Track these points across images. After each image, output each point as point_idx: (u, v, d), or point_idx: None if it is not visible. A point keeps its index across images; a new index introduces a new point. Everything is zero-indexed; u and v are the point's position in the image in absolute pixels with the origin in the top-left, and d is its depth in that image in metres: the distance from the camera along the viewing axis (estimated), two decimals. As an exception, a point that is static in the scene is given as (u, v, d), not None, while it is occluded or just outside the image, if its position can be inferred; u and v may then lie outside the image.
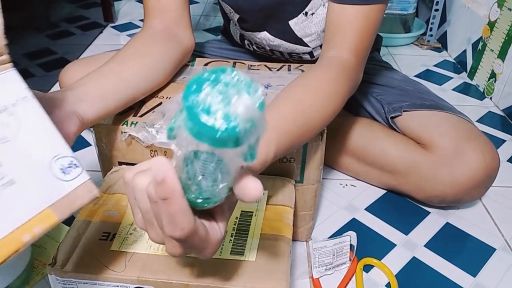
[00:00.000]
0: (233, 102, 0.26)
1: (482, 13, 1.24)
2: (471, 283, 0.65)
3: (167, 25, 0.67)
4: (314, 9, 0.73)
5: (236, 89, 0.26)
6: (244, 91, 0.26)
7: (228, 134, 0.26)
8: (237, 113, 0.26)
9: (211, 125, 0.25)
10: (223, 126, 0.25)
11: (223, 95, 0.26)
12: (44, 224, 0.30)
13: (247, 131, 0.26)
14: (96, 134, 0.61)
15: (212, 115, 0.25)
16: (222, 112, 0.26)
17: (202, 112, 0.26)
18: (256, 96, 0.27)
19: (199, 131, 0.26)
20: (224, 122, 0.25)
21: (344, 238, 0.64)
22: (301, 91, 0.55)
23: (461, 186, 0.70)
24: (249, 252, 0.48)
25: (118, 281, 0.45)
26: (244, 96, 0.26)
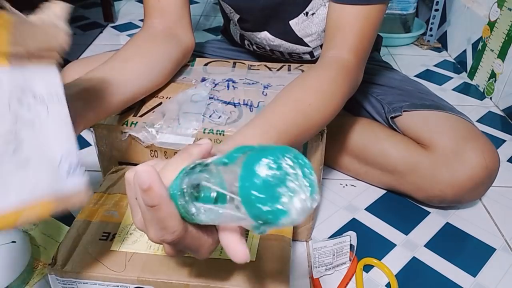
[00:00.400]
0: (296, 195, 0.26)
1: (482, 13, 1.24)
2: (471, 283, 0.65)
3: (168, 25, 0.67)
4: (314, 9, 0.73)
5: (304, 183, 0.26)
6: (309, 188, 0.26)
7: (273, 216, 0.26)
8: (295, 207, 0.26)
9: (271, 208, 0.25)
10: (278, 213, 0.25)
11: (296, 183, 0.26)
12: (39, 212, 0.31)
13: (289, 222, 0.26)
14: (96, 134, 0.61)
15: (278, 198, 0.25)
16: (287, 200, 0.25)
17: (271, 188, 0.25)
18: (312, 193, 0.27)
19: (256, 200, 0.26)
20: (282, 210, 0.25)
21: (344, 238, 0.64)
22: (301, 91, 0.55)
23: (461, 186, 0.70)
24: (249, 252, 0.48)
25: (118, 281, 0.45)
26: (306, 192, 0.26)
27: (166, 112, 0.59)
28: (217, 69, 0.72)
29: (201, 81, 0.68)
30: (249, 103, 0.62)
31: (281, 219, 0.26)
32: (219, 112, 0.60)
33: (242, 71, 0.71)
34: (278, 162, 0.26)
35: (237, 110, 0.61)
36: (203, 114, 0.59)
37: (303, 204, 0.26)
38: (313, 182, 0.27)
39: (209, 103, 0.61)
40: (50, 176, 0.32)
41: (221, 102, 0.62)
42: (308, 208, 0.26)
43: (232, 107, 0.61)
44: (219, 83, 0.67)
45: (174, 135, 0.57)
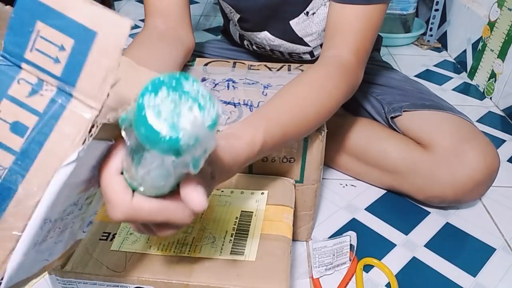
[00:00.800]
0: (182, 114, 0.26)
1: (482, 13, 1.24)
2: (471, 283, 0.65)
3: (170, 25, 0.67)
4: (315, 8, 0.73)
5: (191, 101, 0.26)
6: (197, 106, 0.26)
7: (169, 144, 0.25)
8: (183, 126, 0.25)
9: (156, 130, 0.25)
10: (167, 135, 0.25)
11: (176, 104, 0.26)
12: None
13: (189, 146, 0.26)
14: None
15: (159, 121, 0.25)
16: (169, 122, 0.25)
17: (151, 115, 0.25)
18: (208, 114, 0.26)
19: (143, 132, 0.26)
20: (169, 131, 0.25)
21: (344, 238, 0.64)
22: (296, 86, 0.55)
23: (461, 186, 0.70)
24: (249, 252, 0.48)
25: (118, 281, 0.45)
26: (196, 111, 0.26)
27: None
28: (217, 69, 0.72)
29: (201, 81, 0.68)
30: (249, 103, 0.62)
31: (180, 140, 0.25)
32: (219, 112, 0.60)
33: (242, 71, 0.71)
34: (158, 87, 0.26)
35: (237, 110, 0.61)
36: (203, 114, 0.59)
37: (191, 118, 0.26)
38: (207, 94, 0.27)
39: (209, 103, 0.61)
40: (74, 236, 0.37)
41: (221, 102, 0.62)
42: (200, 119, 0.26)
43: (232, 107, 0.61)
44: (219, 83, 0.67)
45: (174, 135, 0.57)
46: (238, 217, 0.52)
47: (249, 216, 0.53)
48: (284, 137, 0.49)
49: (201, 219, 0.52)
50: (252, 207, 0.54)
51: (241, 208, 0.54)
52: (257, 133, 0.45)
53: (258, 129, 0.45)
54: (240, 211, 0.53)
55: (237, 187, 0.57)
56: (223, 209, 0.54)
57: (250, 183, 0.58)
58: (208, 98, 0.27)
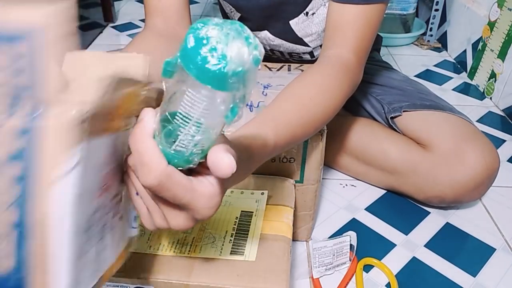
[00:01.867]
0: (230, 45, 0.27)
1: (482, 13, 1.24)
2: (471, 283, 0.65)
3: (169, 25, 0.67)
4: (314, 9, 0.73)
5: (237, 35, 0.27)
6: (244, 39, 0.27)
7: (217, 72, 0.26)
8: (230, 53, 0.27)
9: (205, 56, 0.27)
10: (215, 61, 0.26)
11: (223, 36, 0.27)
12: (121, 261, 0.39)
13: (235, 74, 0.27)
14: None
15: (207, 50, 0.27)
16: (218, 50, 0.27)
17: (200, 44, 0.27)
18: (254, 48, 0.28)
19: (192, 61, 0.27)
20: (217, 57, 0.26)
21: (344, 238, 0.64)
22: (301, 87, 0.55)
23: (461, 186, 0.70)
24: (249, 252, 0.48)
25: (118, 281, 0.45)
26: (242, 43, 0.27)
27: (166, 112, 0.59)
28: (217, 69, 0.72)
29: (201, 81, 0.68)
30: (249, 103, 0.62)
31: (220, 67, 0.26)
32: (219, 112, 0.60)
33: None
34: (204, 28, 0.28)
35: (237, 110, 0.61)
36: (203, 114, 0.59)
37: (238, 48, 0.27)
38: (252, 35, 0.28)
39: (209, 103, 0.61)
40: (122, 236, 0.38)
41: (221, 102, 0.62)
42: (246, 50, 0.27)
43: (232, 107, 0.61)
44: (219, 83, 0.67)
45: (174, 135, 0.57)
46: (238, 217, 0.52)
47: (249, 216, 0.53)
48: (293, 138, 0.50)
49: (201, 219, 0.52)
50: (252, 207, 0.54)
51: (241, 208, 0.54)
52: (268, 136, 0.45)
53: (268, 132, 0.45)
54: (240, 211, 0.53)
55: (237, 187, 0.57)
56: (223, 209, 0.54)
57: (250, 183, 0.59)
58: (253, 36, 0.28)
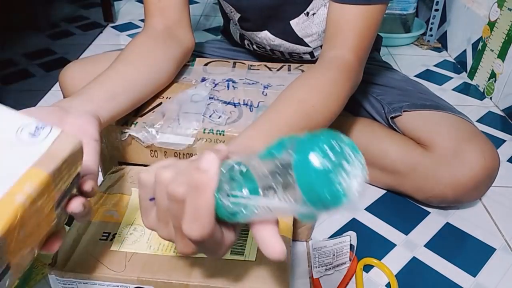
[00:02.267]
0: (353, 178, 0.26)
1: (482, 13, 1.24)
2: (471, 283, 0.65)
3: (168, 25, 0.67)
4: (315, 9, 0.73)
5: (352, 163, 0.27)
6: (362, 173, 0.27)
7: (334, 202, 0.26)
8: (353, 189, 0.26)
9: (339, 192, 0.26)
10: (342, 197, 0.26)
11: (342, 166, 0.26)
12: (33, 181, 0.28)
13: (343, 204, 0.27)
14: (96, 134, 0.60)
15: (337, 180, 0.26)
16: (344, 183, 0.26)
17: (327, 171, 0.26)
18: (364, 170, 0.27)
19: (313, 182, 0.26)
20: (341, 191, 0.26)
21: (344, 238, 0.64)
22: (303, 92, 0.55)
23: (461, 186, 0.70)
24: (249, 252, 0.48)
25: (118, 281, 0.45)
26: (361, 177, 0.27)
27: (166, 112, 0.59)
28: (217, 69, 0.72)
29: (201, 81, 0.68)
30: (249, 103, 0.62)
31: (341, 201, 0.26)
32: (219, 112, 0.60)
33: (242, 71, 0.71)
34: (330, 147, 0.27)
35: (237, 110, 0.61)
36: (203, 114, 0.59)
37: (359, 184, 0.27)
38: (362, 161, 0.27)
39: (209, 103, 0.61)
40: (17, 153, 0.30)
41: (221, 102, 0.62)
42: (363, 186, 0.27)
43: (232, 107, 0.61)
44: (219, 83, 0.67)
45: (174, 135, 0.57)
46: (238, 217, 0.52)
47: (249, 216, 0.53)
48: None
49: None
50: (252, 207, 0.54)
51: (241, 208, 0.54)
52: None
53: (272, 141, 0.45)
54: (240, 211, 0.53)
55: (237, 187, 0.57)
56: (223, 209, 0.54)
57: (250, 183, 0.58)
58: (363, 160, 0.28)
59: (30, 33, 1.09)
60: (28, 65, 1.08)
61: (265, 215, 0.31)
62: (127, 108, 0.55)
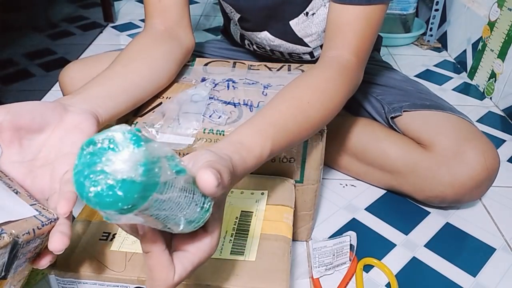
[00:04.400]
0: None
1: (482, 13, 1.24)
2: (471, 283, 0.65)
3: (169, 25, 0.67)
4: (314, 9, 0.73)
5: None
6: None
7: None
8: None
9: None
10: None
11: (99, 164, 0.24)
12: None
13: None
14: (96, 134, 0.60)
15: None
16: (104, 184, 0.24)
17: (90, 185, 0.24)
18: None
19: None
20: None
21: (344, 238, 0.64)
22: (299, 89, 0.55)
23: (461, 186, 0.70)
24: (249, 252, 0.48)
25: (118, 281, 0.45)
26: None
27: (166, 112, 0.59)
28: (217, 69, 0.72)
29: (201, 81, 0.68)
30: (249, 103, 0.62)
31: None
32: (219, 112, 0.60)
33: (242, 71, 0.71)
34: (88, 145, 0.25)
35: (237, 110, 0.61)
36: (203, 114, 0.59)
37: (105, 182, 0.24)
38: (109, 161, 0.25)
39: (209, 103, 0.61)
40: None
41: (221, 102, 0.62)
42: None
43: (232, 107, 0.61)
44: (219, 83, 0.67)
45: (174, 135, 0.57)
46: (238, 217, 0.52)
47: (249, 216, 0.53)
48: (289, 143, 0.50)
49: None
50: (252, 207, 0.54)
51: (241, 208, 0.54)
52: (266, 144, 0.45)
53: (266, 140, 0.45)
54: (240, 211, 0.53)
55: (237, 187, 0.57)
56: (223, 209, 0.54)
57: (250, 183, 0.59)
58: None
59: (30, 33, 1.10)
60: (28, 65, 1.08)
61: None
62: (127, 107, 0.55)
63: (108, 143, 0.25)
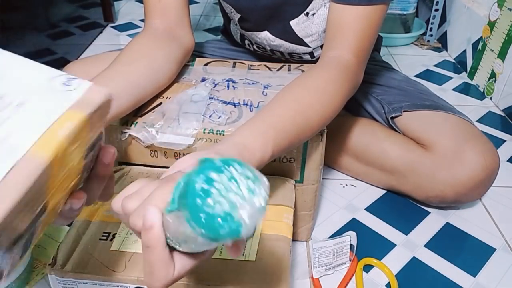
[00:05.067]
0: (240, 205, 0.26)
1: (482, 13, 1.24)
2: (471, 283, 0.65)
3: (169, 25, 0.67)
4: (315, 9, 0.73)
5: (245, 188, 0.26)
6: (251, 192, 0.26)
7: (230, 237, 0.26)
8: (242, 218, 0.26)
9: (216, 227, 0.25)
10: (226, 231, 0.25)
11: (231, 194, 0.26)
12: (72, 121, 0.29)
13: (248, 235, 0.27)
14: (96, 134, 0.60)
15: (217, 215, 0.25)
16: (228, 215, 0.25)
17: (209, 209, 0.25)
18: (260, 197, 0.27)
19: (201, 228, 0.26)
20: (229, 226, 0.25)
21: (344, 238, 0.64)
22: (300, 91, 0.55)
23: (461, 186, 0.70)
24: (249, 252, 0.48)
25: (118, 281, 0.45)
26: (251, 199, 0.26)
27: (166, 112, 0.59)
28: (217, 69, 0.72)
29: (201, 81, 0.68)
30: (249, 103, 0.62)
31: (236, 233, 0.26)
32: (219, 112, 0.60)
33: (242, 71, 0.71)
34: (215, 179, 0.26)
35: (237, 110, 0.61)
36: (203, 114, 0.59)
37: (250, 214, 0.26)
38: (255, 188, 0.27)
39: (209, 103, 0.61)
40: (53, 97, 0.30)
41: (221, 102, 0.62)
42: (256, 216, 0.26)
43: (232, 107, 0.61)
44: (219, 83, 0.67)
45: (174, 135, 0.57)
46: (238, 217, 0.52)
47: (249, 216, 0.53)
48: (289, 146, 0.50)
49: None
50: (252, 207, 0.54)
51: (241, 208, 0.54)
52: (267, 147, 0.45)
53: (268, 142, 0.45)
54: (240, 211, 0.53)
55: (237, 187, 0.57)
56: (223, 209, 0.53)
57: (250, 183, 0.58)
58: (257, 179, 0.27)
59: (30, 33, 1.09)
60: (28, 65, 1.08)
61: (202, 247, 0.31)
62: (128, 107, 0.55)
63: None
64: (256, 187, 0.27)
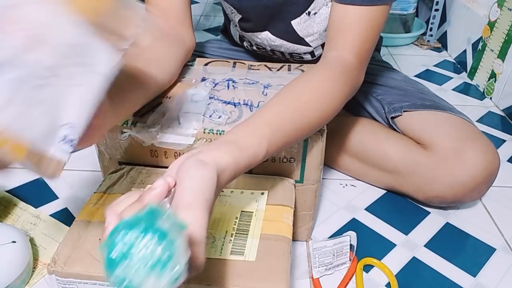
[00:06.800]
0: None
1: (482, 13, 1.24)
2: (471, 283, 0.65)
3: (171, 24, 0.67)
4: (317, 8, 0.73)
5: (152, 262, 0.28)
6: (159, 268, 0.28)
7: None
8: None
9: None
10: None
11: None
12: (10, 148, 0.31)
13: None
14: (96, 134, 0.60)
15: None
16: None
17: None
18: (171, 273, 0.28)
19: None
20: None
21: (344, 238, 0.64)
22: (298, 89, 0.55)
23: (461, 186, 0.70)
24: (249, 252, 0.48)
25: (118, 281, 0.45)
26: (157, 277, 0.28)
27: (166, 112, 0.59)
28: (217, 69, 0.72)
29: (201, 81, 0.68)
30: (249, 103, 0.62)
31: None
32: (219, 112, 0.60)
33: (242, 71, 0.71)
34: (125, 249, 0.28)
35: (237, 110, 0.61)
36: (203, 114, 0.59)
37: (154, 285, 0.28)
38: (167, 258, 0.28)
39: (209, 103, 0.61)
40: (45, 129, 0.33)
41: (221, 102, 0.62)
42: (164, 283, 0.28)
43: (232, 107, 0.61)
44: (219, 83, 0.67)
45: (174, 135, 0.57)
46: (238, 217, 0.52)
47: (249, 216, 0.53)
48: (285, 143, 0.50)
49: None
50: (252, 207, 0.54)
51: (241, 208, 0.54)
52: (261, 144, 0.45)
53: (262, 139, 0.45)
54: (240, 211, 0.53)
55: (237, 187, 0.57)
56: (223, 209, 0.54)
57: (250, 183, 0.58)
58: (170, 257, 0.28)
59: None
60: (28, 65, 1.08)
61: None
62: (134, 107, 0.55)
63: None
64: (166, 254, 0.28)
